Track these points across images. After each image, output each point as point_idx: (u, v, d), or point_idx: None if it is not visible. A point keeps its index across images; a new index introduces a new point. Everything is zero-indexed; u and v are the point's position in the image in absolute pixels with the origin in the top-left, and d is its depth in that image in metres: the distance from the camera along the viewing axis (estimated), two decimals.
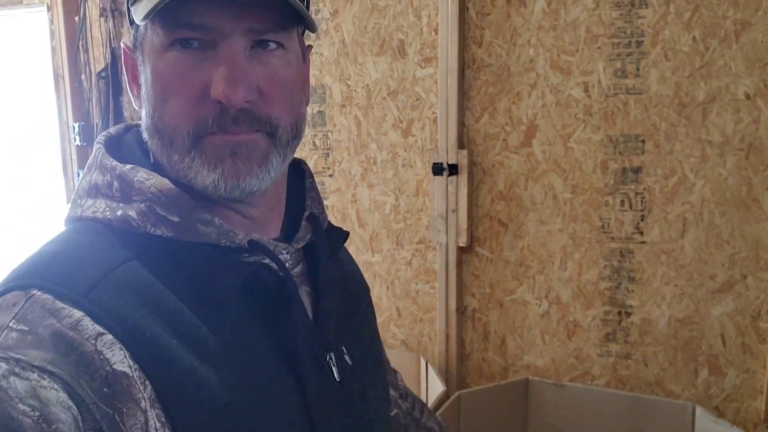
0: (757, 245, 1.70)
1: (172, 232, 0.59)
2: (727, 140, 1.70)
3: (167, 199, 0.59)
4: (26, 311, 0.52)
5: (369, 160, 2.16)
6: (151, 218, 0.59)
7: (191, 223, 0.59)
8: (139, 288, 0.56)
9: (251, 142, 0.60)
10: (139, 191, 0.60)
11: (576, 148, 1.87)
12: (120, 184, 0.61)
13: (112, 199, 0.61)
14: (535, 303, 1.97)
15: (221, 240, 0.60)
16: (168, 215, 0.59)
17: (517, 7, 1.89)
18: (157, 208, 0.59)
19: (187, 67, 0.58)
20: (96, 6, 2.57)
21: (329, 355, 0.67)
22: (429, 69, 2.02)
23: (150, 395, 0.53)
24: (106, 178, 0.62)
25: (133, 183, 0.60)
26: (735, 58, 1.67)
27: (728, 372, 1.77)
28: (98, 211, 0.61)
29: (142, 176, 0.60)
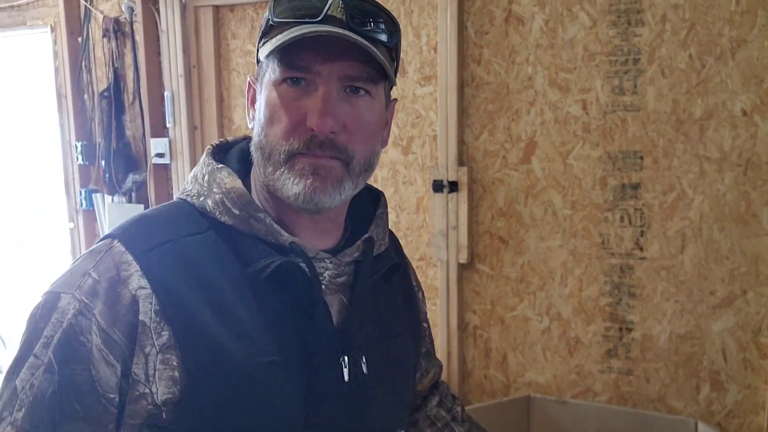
0: (757, 260, 1.71)
1: (233, 222, 0.75)
2: (725, 156, 1.71)
3: (235, 195, 0.75)
4: (102, 261, 0.71)
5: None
6: (221, 208, 0.75)
7: (247, 218, 0.75)
8: (190, 258, 0.72)
9: (330, 167, 0.73)
10: (219, 186, 0.76)
11: (575, 164, 1.88)
12: (209, 178, 0.77)
13: (201, 186, 0.78)
14: (536, 319, 1.98)
15: (268, 237, 0.74)
16: (233, 208, 0.75)
17: (515, 25, 1.91)
18: (226, 201, 0.75)
19: (292, 99, 0.72)
20: (99, 27, 2.60)
21: (343, 358, 0.76)
22: (429, 87, 2.04)
23: (164, 342, 0.69)
24: (202, 171, 0.79)
25: (216, 179, 0.77)
26: (731, 75, 1.69)
27: (730, 388, 1.76)
28: (190, 194, 0.78)
29: (224, 175, 0.77)
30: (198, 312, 0.69)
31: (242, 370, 0.70)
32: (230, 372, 0.69)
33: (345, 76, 0.72)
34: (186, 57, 2.44)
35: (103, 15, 2.58)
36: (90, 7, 2.61)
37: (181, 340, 0.68)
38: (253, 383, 0.70)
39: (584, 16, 1.82)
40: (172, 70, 2.46)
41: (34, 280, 3.01)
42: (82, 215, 2.75)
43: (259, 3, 2.28)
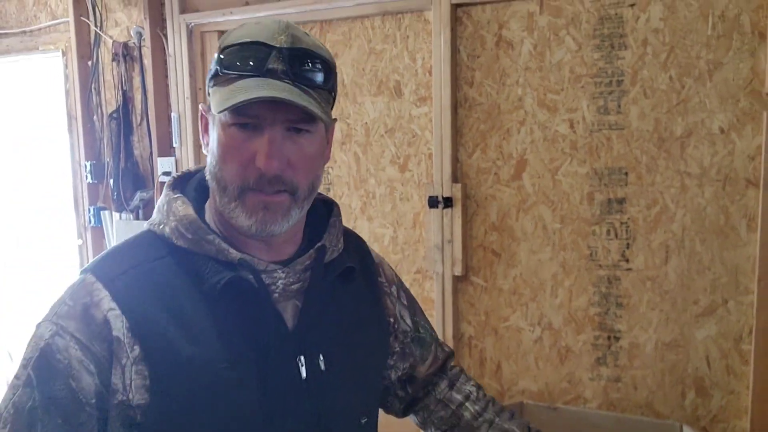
0: (737, 271, 1.79)
1: (187, 245, 0.84)
2: (705, 172, 1.81)
3: (187, 222, 0.85)
4: (77, 290, 0.82)
5: (368, 194, 2.27)
6: (176, 233, 0.85)
7: (198, 240, 0.84)
8: (154, 280, 0.82)
9: (279, 203, 0.83)
10: (173, 214, 0.86)
11: (563, 180, 1.97)
12: (166, 207, 0.87)
13: (162, 216, 0.87)
14: (528, 329, 2.06)
15: (218, 255, 0.84)
16: (185, 232, 0.84)
17: (505, 49, 2.01)
18: (180, 227, 0.85)
19: (241, 140, 0.81)
20: (108, 51, 2.71)
21: (300, 357, 0.85)
22: (424, 108, 2.14)
23: (136, 355, 0.78)
24: (162, 201, 0.88)
25: (172, 208, 0.86)
26: (709, 95, 1.78)
27: (714, 393, 1.84)
28: (153, 223, 0.88)
29: (178, 204, 0.86)
30: (163, 328, 0.79)
31: (202, 375, 0.79)
32: (192, 378, 0.79)
33: (287, 119, 0.81)
34: (192, 80, 2.54)
35: (113, 40, 2.69)
36: (100, 32, 2.72)
37: (150, 353, 0.78)
38: (213, 386, 0.79)
39: (570, 40, 1.93)
40: (178, 93, 2.57)
41: (40, 297, 3.09)
42: (91, 232, 2.84)
43: None
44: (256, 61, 0.80)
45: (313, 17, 2.27)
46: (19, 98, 3.15)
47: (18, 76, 3.13)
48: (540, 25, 1.96)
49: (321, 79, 0.84)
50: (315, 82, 0.83)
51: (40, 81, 3.04)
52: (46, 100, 3.01)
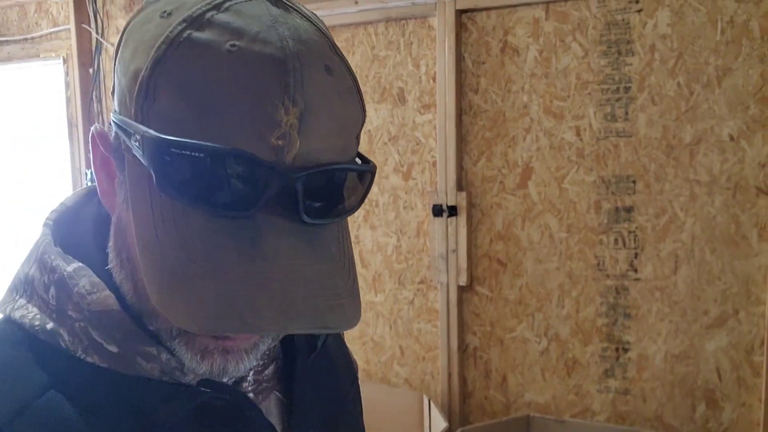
0: (748, 281, 1.75)
1: (107, 363, 0.49)
2: (714, 180, 1.77)
3: (107, 324, 0.49)
4: None
5: (371, 202, 2.24)
6: (84, 342, 0.49)
7: (130, 357, 0.49)
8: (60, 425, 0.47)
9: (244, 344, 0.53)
10: (77, 306, 0.49)
11: (570, 189, 1.94)
12: (57, 292, 0.50)
13: (46, 305, 0.50)
14: (534, 340, 2.02)
15: (163, 377, 0.50)
16: (105, 343, 0.49)
17: (510, 56, 1.99)
18: (93, 332, 0.49)
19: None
20: (109, 59, 2.70)
21: None
22: (428, 115, 2.11)
23: None
24: (43, 279, 0.51)
25: (72, 295, 0.49)
26: (718, 101, 1.76)
27: (725, 406, 1.80)
28: (26, 317, 0.51)
29: (84, 286, 0.49)
30: None
31: None
32: None
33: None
34: None
35: (114, 47, 2.67)
36: (101, 39, 2.70)
37: None
38: None
39: (576, 46, 1.90)
40: None
41: None
42: None
43: None
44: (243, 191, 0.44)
45: None
46: (20, 105, 3.13)
47: (19, 83, 3.11)
48: (546, 31, 1.93)
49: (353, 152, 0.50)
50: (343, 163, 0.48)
51: (41, 88, 3.02)
52: (46, 107, 2.99)
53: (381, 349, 2.25)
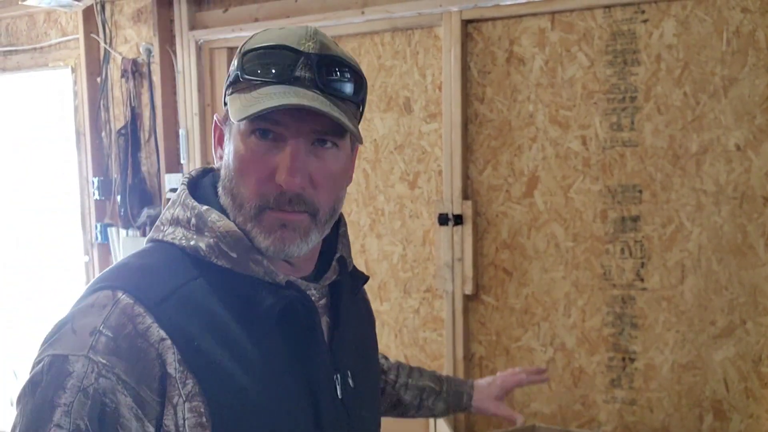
0: (755, 291, 1.75)
1: (230, 264, 0.75)
2: (721, 189, 1.77)
3: (231, 239, 0.75)
4: (112, 315, 0.69)
5: (377, 211, 2.24)
6: (216, 251, 0.75)
7: (245, 261, 0.75)
8: (197, 304, 0.72)
9: (298, 222, 0.76)
10: (211, 229, 0.75)
11: (576, 198, 1.94)
12: (197, 221, 0.76)
13: (188, 230, 0.77)
14: (540, 350, 2.01)
15: (266, 277, 0.76)
16: (229, 251, 0.75)
17: (516, 65, 1.99)
18: (222, 245, 0.75)
19: (261, 153, 0.75)
20: (117, 68, 2.71)
21: (336, 376, 0.82)
22: (434, 124, 2.12)
23: (189, 390, 0.70)
24: (186, 214, 0.77)
25: (207, 222, 0.75)
26: (724, 111, 1.76)
27: (733, 417, 1.79)
28: (176, 238, 0.77)
29: (214, 217, 0.76)
30: (215, 357, 0.71)
31: (259, 404, 0.72)
32: (249, 408, 0.72)
33: (313, 131, 0.74)
34: (201, 96, 2.53)
35: (122, 56, 2.69)
36: (109, 48, 2.72)
37: (205, 386, 0.70)
38: (269, 415, 0.73)
39: (582, 56, 1.91)
40: (187, 109, 2.56)
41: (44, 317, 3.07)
42: (97, 249, 2.83)
43: None
44: (282, 67, 0.74)
45: None
46: (29, 114, 3.15)
47: (28, 92, 3.13)
48: (551, 41, 1.94)
49: (351, 90, 0.77)
50: (344, 92, 0.76)
51: (50, 97, 3.04)
52: (54, 116, 3.01)
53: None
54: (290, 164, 0.73)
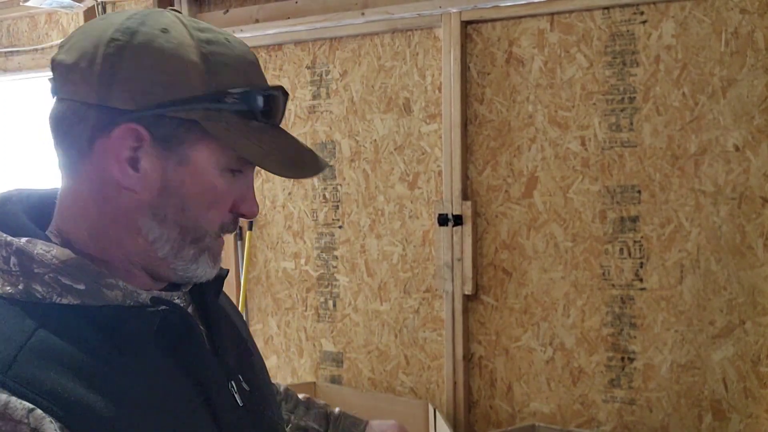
0: (754, 291, 1.75)
1: (79, 299, 0.63)
2: (720, 190, 1.78)
3: (72, 269, 0.63)
4: None
5: (377, 211, 2.25)
6: (57, 288, 0.63)
7: (96, 289, 0.64)
8: (54, 354, 0.60)
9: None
10: (41, 264, 0.63)
11: (575, 198, 1.95)
12: (18, 259, 0.63)
13: (9, 273, 0.63)
14: (540, 350, 2.02)
15: (126, 301, 0.65)
16: (73, 284, 0.63)
17: (515, 66, 2.00)
18: (62, 278, 0.63)
19: (232, 186, 0.70)
20: None
21: (231, 383, 0.74)
22: (433, 125, 2.13)
23: None
24: (1, 254, 0.63)
25: (34, 256, 0.63)
26: (723, 112, 1.76)
27: (732, 417, 1.79)
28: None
29: (41, 249, 0.63)
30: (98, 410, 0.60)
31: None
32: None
33: None
34: None
35: None
36: None
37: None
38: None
39: (581, 57, 1.91)
40: None
41: None
42: None
43: (272, 46, 2.39)
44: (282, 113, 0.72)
45: (322, 34, 2.27)
46: (30, 115, 3.16)
47: (29, 93, 3.14)
48: (551, 42, 1.95)
49: None
50: None
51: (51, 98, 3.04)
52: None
53: (386, 357, 2.26)
54: (253, 194, 0.73)
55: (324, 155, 2.31)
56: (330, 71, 2.29)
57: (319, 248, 2.36)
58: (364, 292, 2.28)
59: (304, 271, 2.40)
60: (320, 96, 2.32)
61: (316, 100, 2.33)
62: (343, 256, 2.31)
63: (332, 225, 2.32)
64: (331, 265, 2.34)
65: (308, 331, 2.41)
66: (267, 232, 2.45)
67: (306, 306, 2.40)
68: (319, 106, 2.33)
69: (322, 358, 2.38)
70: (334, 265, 2.33)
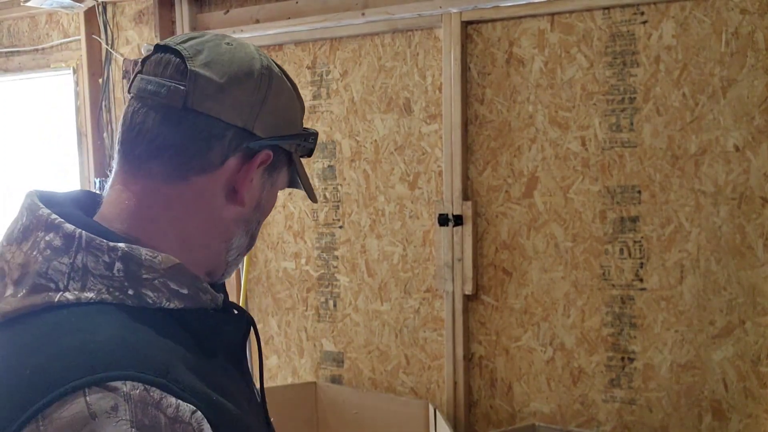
0: (754, 291, 1.75)
1: (183, 303, 0.65)
2: (720, 190, 1.78)
3: (178, 274, 0.65)
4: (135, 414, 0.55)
5: (377, 211, 2.25)
6: (166, 293, 0.64)
7: (196, 293, 0.67)
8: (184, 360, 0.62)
9: None
10: (150, 269, 0.63)
11: (575, 198, 1.95)
12: (124, 265, 0.62)
13: (112, 280, 0.62)
14: (540, 350, 2.02)
15: (212, 304, 0.69)
16: (179, 288, 0.65)
17: (516, 66, 2.00)
18: (170, 283, 0.64)
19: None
20: (119, 69, 2.72)
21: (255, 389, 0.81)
22: (434, 125, 2.13)
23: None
24: (102, 259, 0.62)
25: (143, 262, 0.63)
26: (723, 112, 1.76)
27: (732, 417, 1.80)
28: (102, 293, 0.61)
29: (146, 254, 0.63)
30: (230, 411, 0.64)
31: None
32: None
33: None
34: None
35: (123, 57, 2.70)
36: (111, 50, 2.73)
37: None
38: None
39: (582, 57, 1.91)
40: None
41: None
42: None
43: (272, 46, 2.39)
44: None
45: (323, 35, 2.27)
46: (31, 115, 3.17)
47: (30, 93, 3.14)
48: (551, 42, 1.95)
49: None
50: None
51: (51, 98, 3.05)
52: (56, 117, 3.02)
53: (387, 357, 2.26)
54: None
55: (324, 155, 2.31)
56: (330, 71, 2.29)
57: (319, 248, 2.36)
58: (364, 292, 2.28)
59: (304, 271, 2.40)
60: (321, 96, 2.32)
61: (317, 100, 2.33)
62: (343, 256, 2.31)
63: (333, 225, 2.33)
64: (331, 265, 2.34)
65: (309, 331, 2.41)
66: (267, 232, 2.46)
67: (306, 306, 2.41)
68: (320, 106, 2.33)
69: (323, 358, 2.38)
70: (335, 265, 2.34)
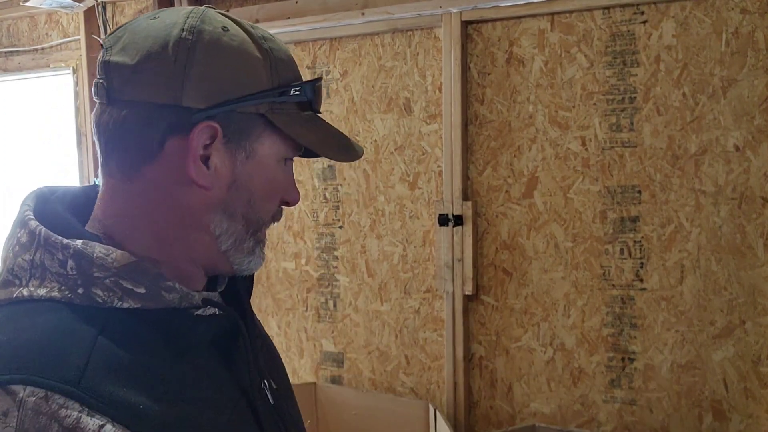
0: (754, 291, 1.75)
1: (139, 303, 0.61)
2: (720, 190, 1.78)
3: (133, 272, 0.61)
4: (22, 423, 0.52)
5: (377, 212, 2.25)
6: (117, 293, 0.60)
7: (156, 292, 0.62)
8: (116, 362, 0.58)
9: None
10: (102, 267, 0.60)
11: (575, 198, 1.94)
12: (76, 262, 0.60)
13: (66, 277, 0.60)
14: (540, 350, 2.02)
15: (182, 303, 0.64)
16: (134, 288, 0.61)
17: (516, 66, 2.00)
18: (123, 282, 0.61)
19: (285, 176, 0.71)
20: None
21: (264, 383, 0.74)
22: (434, 125, 2.13)
23: None
24: (56, 257, 0.60)
25: (94, 260, 0.60)
26: (723, 112, 1.76)
27: (732, 417, 1.79)
28: (53, 291, 0.60)
29: (100, 252, 0.61)
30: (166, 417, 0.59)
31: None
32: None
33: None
34: None
35: None
36: None
37: None
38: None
39: (582, 57, 1.91)
40: None
41: None
42: None
43: None
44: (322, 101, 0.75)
45: (323, 35, 2.27)
46: (30, 115, 3.16)
47: (29, 93, 3.14)
48: (551, 42, 1.94)
49: None
50: None
51: (51, 98, 3.05)
52: (56, 117, 3.02)
53: (387, 358, 2.26)
54: (295, 183, 0.74)
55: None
56: (330, 71, 2.29)
57: (319, 248, 2.36)
58: (364, 292, 2.28)
59: (304, 272, 2.40)
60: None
61: None
62: (343, 257, 2.31)
63: (333, 225, 2.32)
64: (331, 265, 2.34)
65: (309, 332, 2.41)
66: (267, 232, 2.45)
67: (306, 306, 2.40)
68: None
69: (323, 358, 2.38)
70: (335, 265, 2.33)
